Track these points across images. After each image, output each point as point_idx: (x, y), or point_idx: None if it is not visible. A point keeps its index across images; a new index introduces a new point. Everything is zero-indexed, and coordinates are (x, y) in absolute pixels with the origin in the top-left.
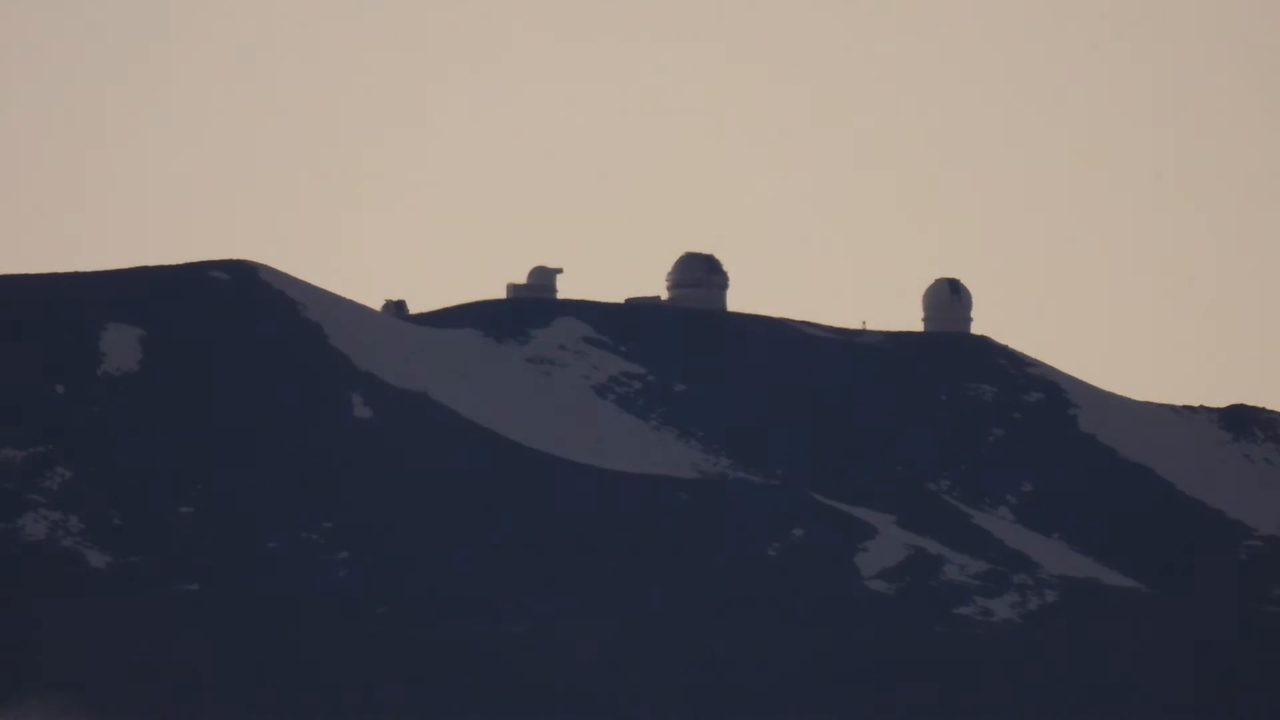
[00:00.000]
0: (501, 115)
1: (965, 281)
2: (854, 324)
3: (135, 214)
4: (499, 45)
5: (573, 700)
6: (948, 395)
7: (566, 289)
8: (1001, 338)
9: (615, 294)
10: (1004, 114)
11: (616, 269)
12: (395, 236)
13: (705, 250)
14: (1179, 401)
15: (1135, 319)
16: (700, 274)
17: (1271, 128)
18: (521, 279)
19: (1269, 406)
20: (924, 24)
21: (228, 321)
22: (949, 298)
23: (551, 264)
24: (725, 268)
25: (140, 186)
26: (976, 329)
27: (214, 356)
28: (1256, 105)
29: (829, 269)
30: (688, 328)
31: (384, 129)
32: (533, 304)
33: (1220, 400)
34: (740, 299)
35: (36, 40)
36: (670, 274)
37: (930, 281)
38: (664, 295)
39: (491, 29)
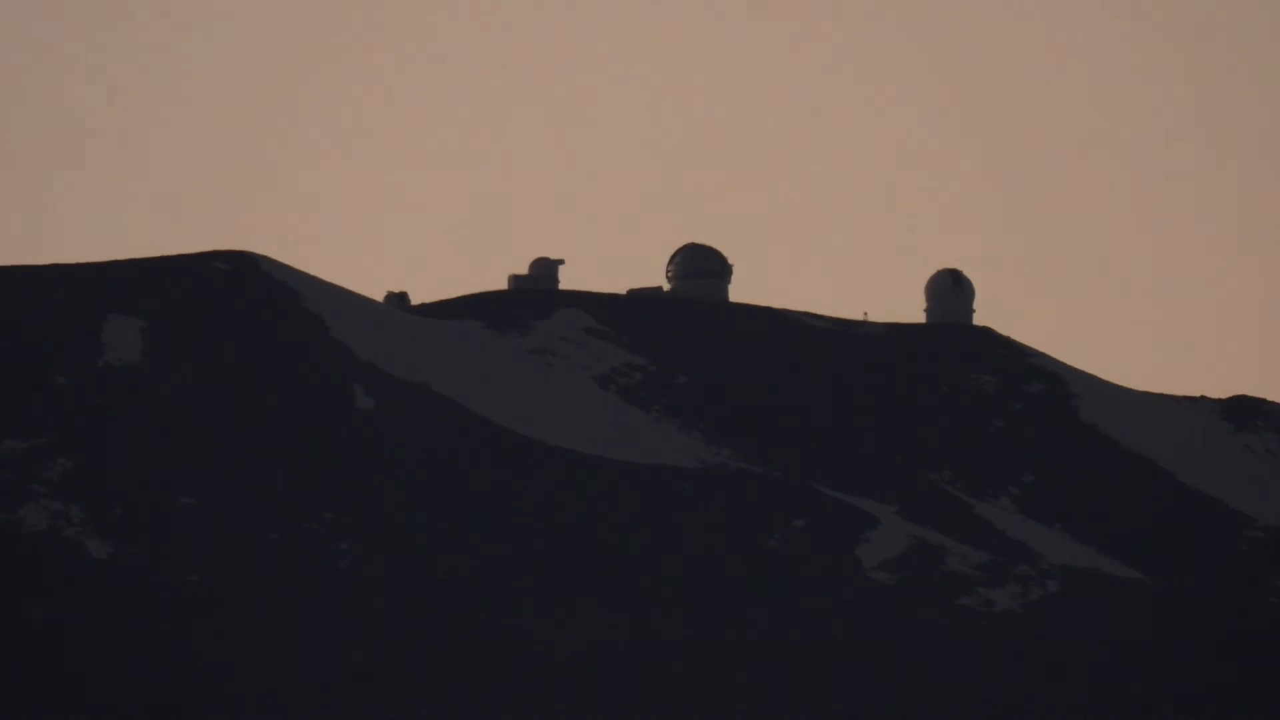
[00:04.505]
0: (503, 106)
1: (967, 272)
2: (855, 315)
3: (136, 204)
4: (500, 36)
5: (571, 693)
6: (949, 386)
7: (568, 280)
8: (1003, 328)
9: (617, 285)
10: (1006, 104)
11: (618, 260)
12: (397, 228)
13: (707, 241)
14: (1181, 392)
15: (1137, 309)
16: (702, 265)
17: (1272, 119)
18: (523, 270)
19: (1271, 397)
20: (926, 14)
21: (229, 312)
22: (950, 288)
23: (553, 255)
24: (727, 259)
25: (141, 177)
26: (978, 320)
27: (215, 347)
28: (1258, 95)
29: (831, 260)
30: (689, 319)
31: (385, 120)
32: (534, 295)
33: (1222, 391)
34: (742, 290)
35: (36, 32)
36: (672, 265)
37: (932, 272)
38: (666, 286)
39: (492, 20)
